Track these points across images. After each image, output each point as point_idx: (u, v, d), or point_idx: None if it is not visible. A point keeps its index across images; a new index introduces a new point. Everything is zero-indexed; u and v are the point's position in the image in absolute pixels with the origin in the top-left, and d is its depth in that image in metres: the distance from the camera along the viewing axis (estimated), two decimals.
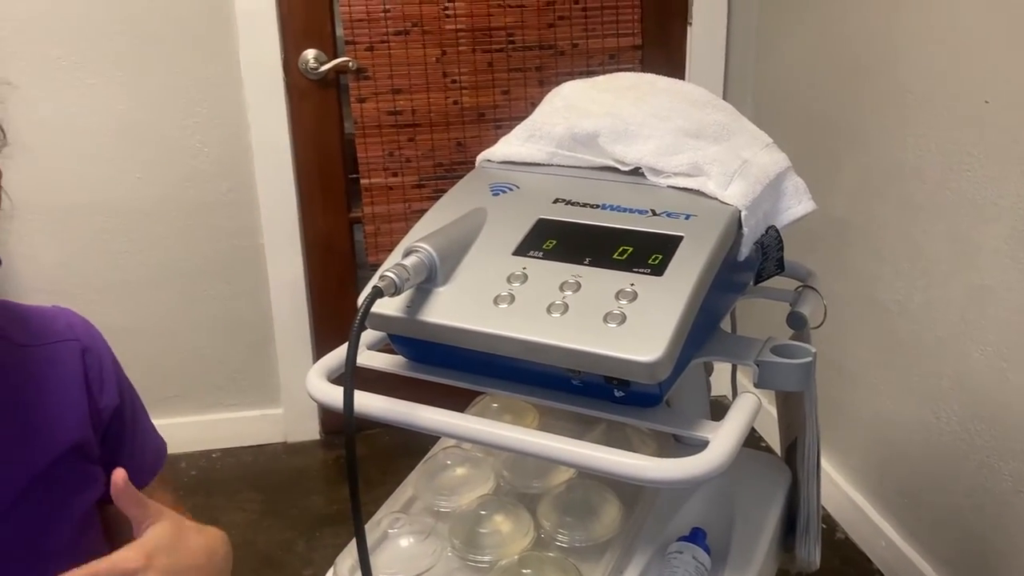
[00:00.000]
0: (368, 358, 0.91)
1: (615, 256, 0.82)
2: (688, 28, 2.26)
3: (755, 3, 2.25)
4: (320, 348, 2.37)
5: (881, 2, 1.77)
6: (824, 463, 2.09)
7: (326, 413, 2.41)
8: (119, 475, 0.77)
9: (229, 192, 2.21)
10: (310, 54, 2.14)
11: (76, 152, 2.12)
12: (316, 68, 2.14)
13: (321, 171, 2.24)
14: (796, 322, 0.99)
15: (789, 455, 1.08)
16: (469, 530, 0.95)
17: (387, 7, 2.09)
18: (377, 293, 0.77)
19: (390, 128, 2.17)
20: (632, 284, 0.79)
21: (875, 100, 1.81)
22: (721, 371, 1.09)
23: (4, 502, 0.81)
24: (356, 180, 2.24)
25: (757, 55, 2.27)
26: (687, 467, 0.71)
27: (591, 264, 0.82)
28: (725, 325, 0.95)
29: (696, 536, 0.94)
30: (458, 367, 0.86)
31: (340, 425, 2.33)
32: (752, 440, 1.76)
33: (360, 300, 0.76)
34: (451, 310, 0.81)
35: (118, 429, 0.93)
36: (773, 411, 1.12)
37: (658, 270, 0.80)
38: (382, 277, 0.78)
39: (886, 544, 1.89)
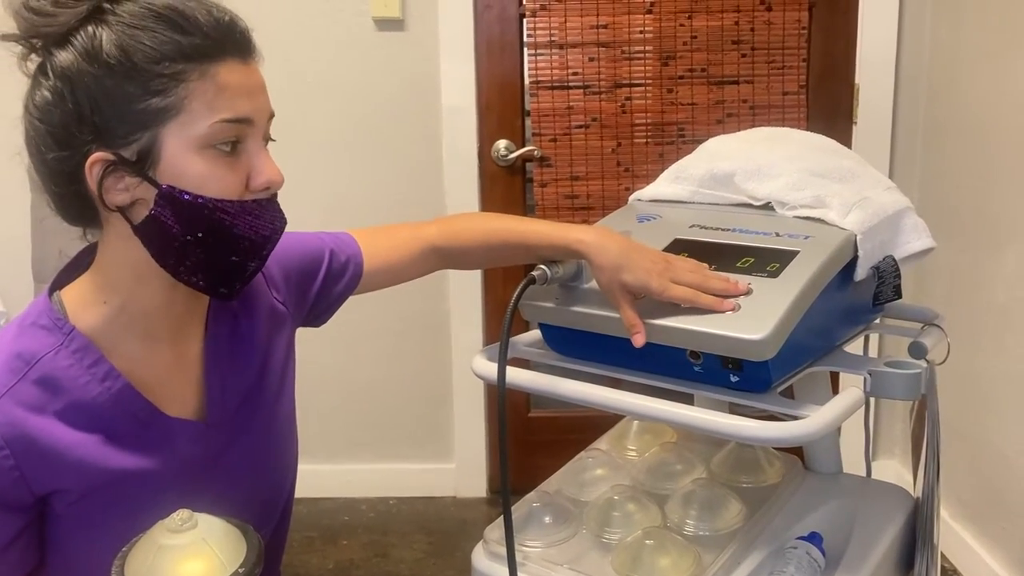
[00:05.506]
0: (524, 353, 1.08)
1: (738, 264, 0.96)
2: (853, 127, 2.35)
3: (921, 101, 2.31)
4: (492, 409, 2.55)
5: None
6: (983, 554, 2.02)
7: (493, 472, 2.57)
8: None
9: None
10: (502, 144, 2.41)
11: (294, 216, 2.45)
12: (506, 156, 2.40)
13: None
14: (916, 351, 1.06)
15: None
16: (603, 513, 1.07)
17: (571, 104, 2.34)
18: (530, 281, 0.94)
19: (567, 210, 2.39)
20: (749, 283, 0.92)
21: None
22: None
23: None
24: None
25: (923, 149, 2.33)
26: (783, 429, 0.82)
27: (716, 269, 0.95)
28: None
29: (813, 537, 1.01)
30: (598, 358, 1.01)
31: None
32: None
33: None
34: (591, 301, 0.97)
35: (305, 286, 1.16)
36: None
37: (774, 274, 0.92)
38: (536, 269, 0.96)
39: None
